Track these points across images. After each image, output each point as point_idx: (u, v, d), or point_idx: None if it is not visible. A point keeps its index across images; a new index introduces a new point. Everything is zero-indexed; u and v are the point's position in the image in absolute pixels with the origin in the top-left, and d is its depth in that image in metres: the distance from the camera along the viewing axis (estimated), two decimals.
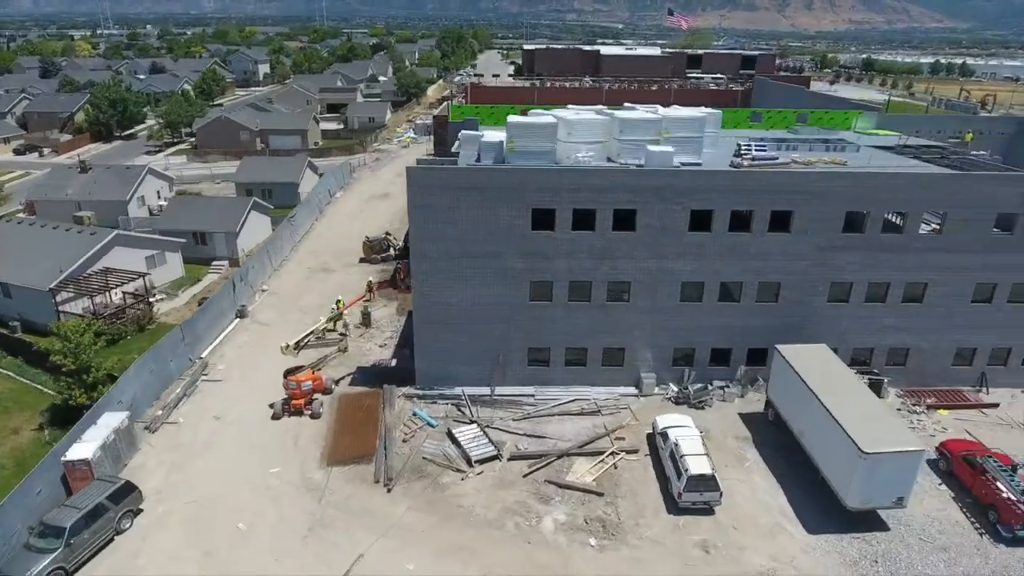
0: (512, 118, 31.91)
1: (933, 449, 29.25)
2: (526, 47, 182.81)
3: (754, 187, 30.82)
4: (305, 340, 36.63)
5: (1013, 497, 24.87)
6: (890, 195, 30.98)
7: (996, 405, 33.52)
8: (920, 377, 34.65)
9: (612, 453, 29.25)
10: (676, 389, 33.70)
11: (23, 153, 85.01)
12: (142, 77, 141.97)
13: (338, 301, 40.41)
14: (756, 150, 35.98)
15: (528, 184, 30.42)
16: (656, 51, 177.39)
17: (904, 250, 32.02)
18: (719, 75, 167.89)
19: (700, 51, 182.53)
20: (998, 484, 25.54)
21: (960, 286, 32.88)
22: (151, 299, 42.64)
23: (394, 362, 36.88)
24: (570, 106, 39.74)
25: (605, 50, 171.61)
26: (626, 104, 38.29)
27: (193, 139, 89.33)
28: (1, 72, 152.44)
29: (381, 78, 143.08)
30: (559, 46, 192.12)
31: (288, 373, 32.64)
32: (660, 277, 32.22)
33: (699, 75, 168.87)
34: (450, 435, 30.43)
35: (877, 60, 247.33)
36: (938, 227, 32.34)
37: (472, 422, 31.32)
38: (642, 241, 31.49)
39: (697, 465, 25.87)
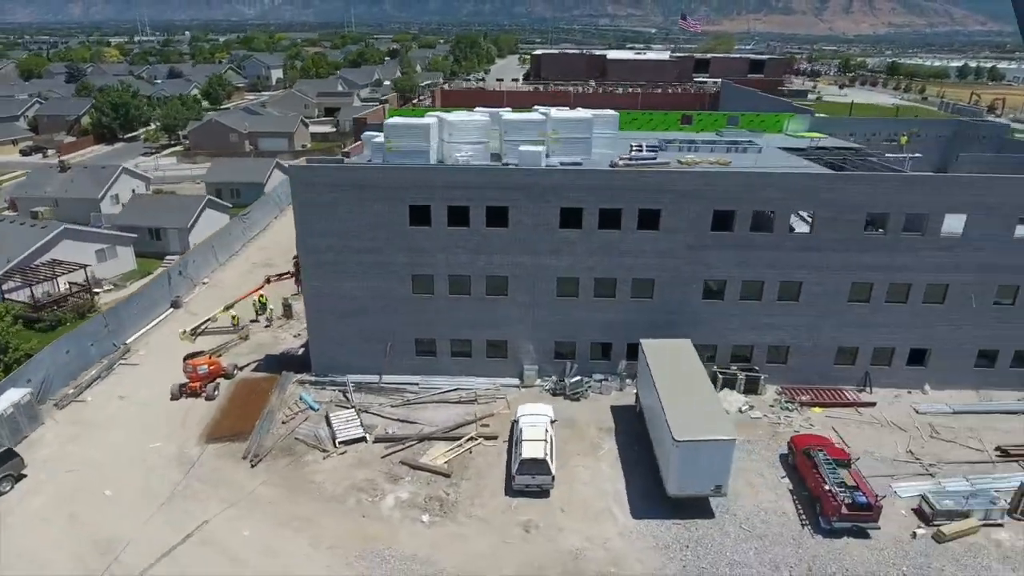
0: (390, 120, 33.62)
1: (786, 444, 30.01)
2: (534, 52, 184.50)
3: (621, 186, 31.89)
4: (202, 327, 38.93)
5: (833, 490, 25.48)
6: (754, 195, 31.71)
7: (873, 404, 33.83)
8: (803, 375, 35.12)
9: (471, 438, 30.63)
10: (554, 380, 34.90)
11: (29, 154, 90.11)
12: (159, 81, 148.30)
13: (231, 312, 41.96)
14: (647, 151, 37.06)
15: (403, 182, 32.07)
16: (665, 55, 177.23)
17: (775, 249, 32.65)
18: (727, 79, 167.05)
19: (708, 55, 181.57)
20: (822, 477, 26.17)
21: (835, 285, 33.31)
22: (96, 290, 45.54)
23: (302, 351, 38.82)
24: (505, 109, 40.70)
25: (612, 54, 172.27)
26: (535, 106, 39.50)
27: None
28: (31, 77, 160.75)
29: (387, 83, 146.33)
30: (569, 51, 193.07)
31: (188, 358, 34.89)
32: (536, 272, 33.49)
33: (705, 79, 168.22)
34: (327, 418, 32.22)
35: (902, 64, 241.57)
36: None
37: (351, 407, 33.05)
38: (515, 237, 32.83)
39: (530, 450, 27.10)
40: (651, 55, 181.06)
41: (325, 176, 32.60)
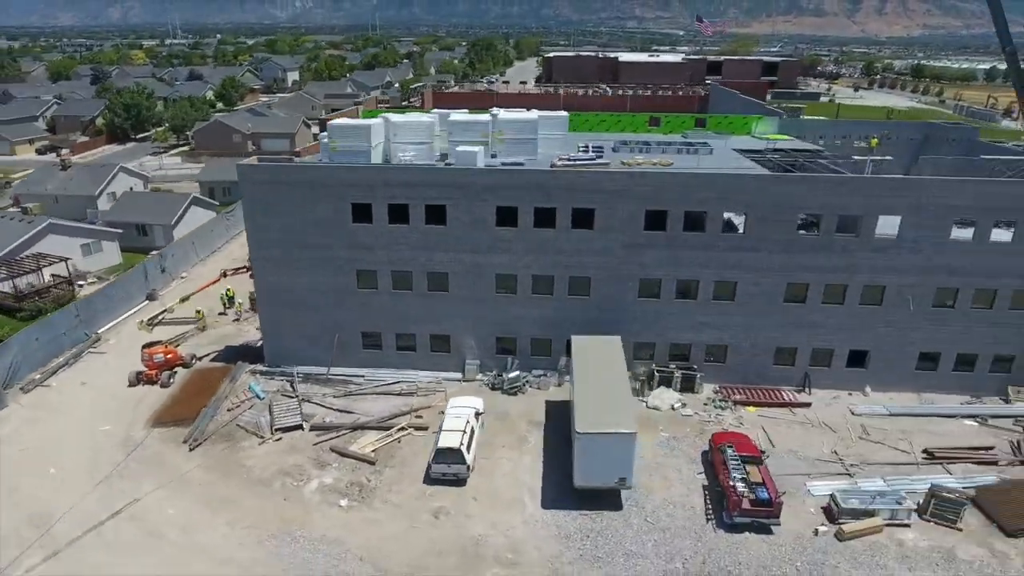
0: (332, 121, 34.81)
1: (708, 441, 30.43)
2: (547, 55, 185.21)
3: (555, 186, 32.61)
4: (159, 318, 40.59)
5: (736, 485, 25.88)
6: (685, 195, 32.15)
7: (808, 405, 33.97)
8: (742, 375, 35.38)
9: (401, 429, 31.62)
10: (493, 375, 35.70)
11: (44, 153, 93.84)
12: (179, 83, 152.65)
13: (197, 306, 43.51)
14: (592, 151, 37.72)
15: (344, 180, 33.25)
16: (678, 58, 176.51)
17: (709, 249, 33.04)
18: (741, 82, 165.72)
19: (721, 59, 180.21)
20: (729, 472, 26.59)
21: (770, 286, 33.55)
22: (80, 282, 47.67)
23: (260, 343, 40.24)
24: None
25: (624, 57, 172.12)
26: (493, 109, 40.36)
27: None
28: (59, 79, 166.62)
29: (396, 85, 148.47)
30: (581, 54, 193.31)
31: (146, 347, 36.53)
32: (475, 269, 34.37)
33: (717, 81, 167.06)
34: (269, 406, 33.50)
35: (927, 66, 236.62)
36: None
37: (294, 396, 34.30)
38: (454, 235, 33.76)
39: (447, 440, 28.00)
40: (665, 58, 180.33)
41: (271, 175, 33.95)
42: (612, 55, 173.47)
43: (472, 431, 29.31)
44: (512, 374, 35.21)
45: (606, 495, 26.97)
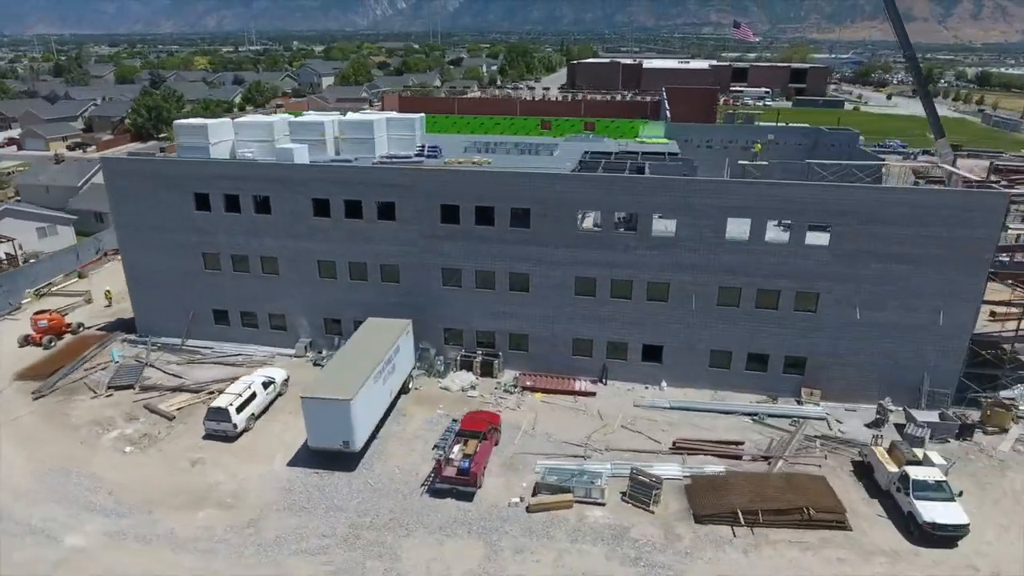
0: (177, 121, 39.17)
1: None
2: (571, 62, 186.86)
3: (358, 181, 35.75)
4: (45, 288, 46.13)
5: (445, 455, 28.22)
6: (473, 191, 34.53)
7: (593, 395, 35.50)
8: (544, 363, 37.22)
9: (210, 393, 35.46)
10: (317, 352, 39.07)
11: (73, 149, 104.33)
12: (224, 86, 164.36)
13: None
14: (428, 150, 40.57)
15: (185, 173, 37.56)
16: (704, 64, 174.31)
17: (501, 242, 35.25)
18: (765, 88, 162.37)
19: (746, 64, 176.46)
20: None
21: (560, 279, 35.37)
22: (32, 260, 54.43)
23: None
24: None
25: (648, 64, 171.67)
26: (348, 111, 43.87)
27: None
28: (123, 82, 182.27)
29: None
30: (603, 61, 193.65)
31: (37, 314, 42.07)
32: (299, 255, 37.90)
33: (742, 88, 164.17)
34: (117, 368, 38.15)
35: (996, 73, 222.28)
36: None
37: (140, 362, 38.83)
38: (279, 223, 37.42)
39: (219, 401, 31.63)
40: (693, 64, 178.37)
41: (129, 167, 38.74)
42: (635, 62, 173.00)
43: (253, 396, 32.79)
44: (330, 352, 38.43)
45: (344, 458, 29.79)
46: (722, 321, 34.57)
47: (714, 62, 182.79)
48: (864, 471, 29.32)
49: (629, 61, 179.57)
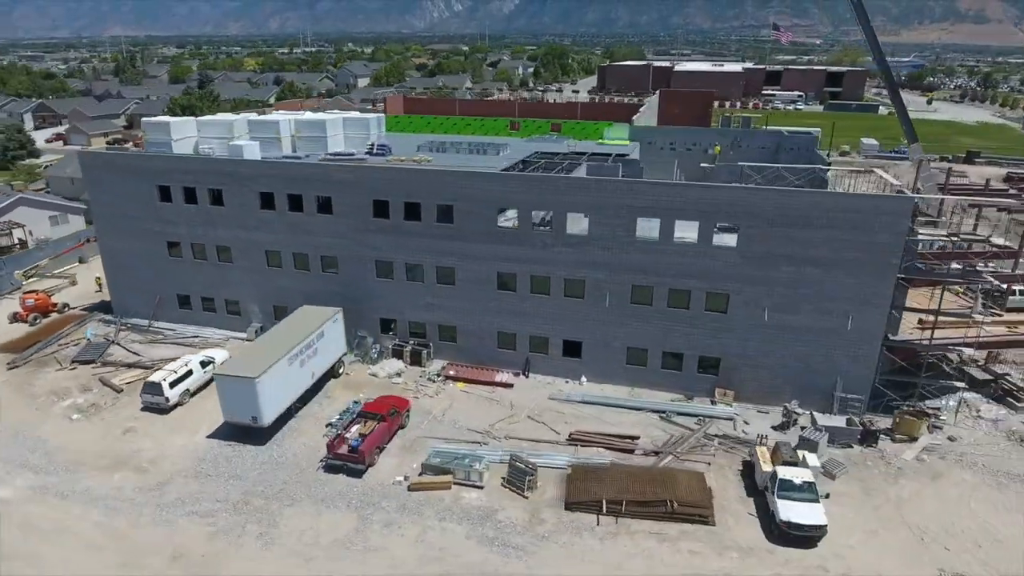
0: (144, 119, 42.27)
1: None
2: (600, 65, 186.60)
3: (299, 177, 38.01)
4: (32, 270, 50.13)
5: (339, 433, 30.11)
6: (400, 188, 36.31)
7: (511, 386, 36.72)
8: (472, 355, 38.66)
9: (158, 369, 38.31)
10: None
11: (112, 144, 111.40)
12: (267, 86, 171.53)
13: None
14: (377, 149, 42.59)
15: (149, 167, 40.66)
16: (738, 67, 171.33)
17: (427, 237, 36.91)
18: (798, 92, 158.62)
19: (779, 68, 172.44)
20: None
21: (482, 274, 36.75)
22: (43, 246, 59.25)
23: None
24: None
25: (679, 67, 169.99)
26: (307, 111, 46.36)
27: None
28: (176, 82, 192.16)
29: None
30: (633, 64, 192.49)
31: (26, 293, 46.09)
32: (248, 245, 40.47)
33: (774, 92, 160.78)
34: (86, 344, 41.59)
35: None
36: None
37: (106, 339, 42.16)
38: (231, 214, 40.07)
39: (154, 376, 34.38)
40: (726, 67, 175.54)
41: (103, 160, 42.20)
42: (665, 65, 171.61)
43: (189, 373, 35.43)
44: None
45: (256, 433, 31.95)
46: (636, 319, 35.29)
47: (748, 65, 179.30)
48: (749, 471, 29.69)
49: (665, 64, 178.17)
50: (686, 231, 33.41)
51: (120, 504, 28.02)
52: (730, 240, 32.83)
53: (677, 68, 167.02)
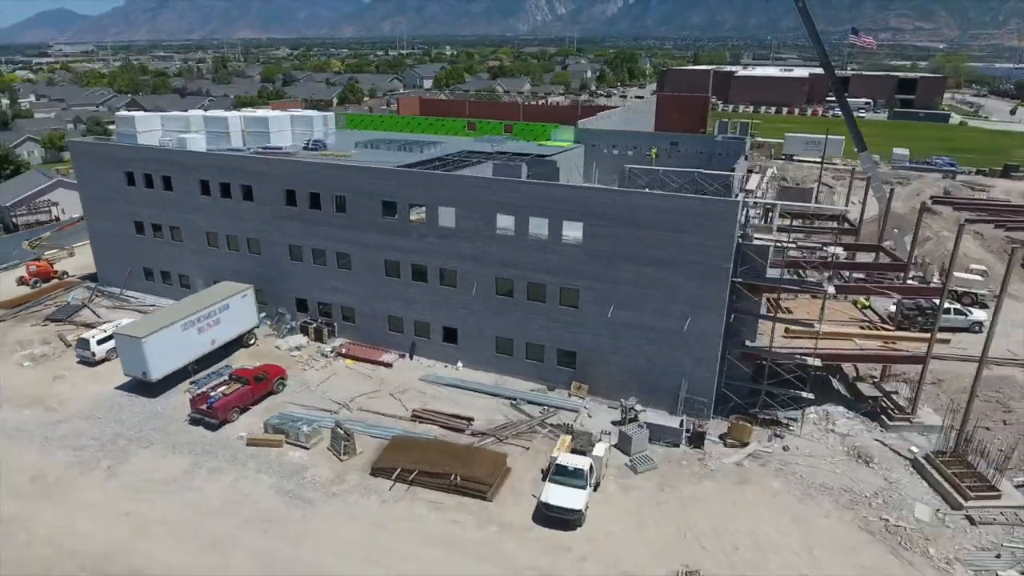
0: (118, 113, 48.45)
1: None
2: (663, 70, 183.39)
3: (228, 167, 42.75)
4: (36, 241, 57.87)
5: (204, 392, 34.27)
6: (305, 180, 40.13)
7: (390, 366, 39.62)
8: (368, 335, 41.90)
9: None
10: None
11: None
12: (342, 86, 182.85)
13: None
14: (312, 143, 46.79)
15: (116, 156, 46.90)
16: (804, 73, 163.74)
17: (327, 224, 40.51)
18: (865, 99, 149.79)
19: (848, 73, 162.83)
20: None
21: (373, 260, 39.87)
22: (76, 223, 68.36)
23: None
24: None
25: (740, 72, 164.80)
26: (292, 109, 51.14)
27: None
28: (266, 81, 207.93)
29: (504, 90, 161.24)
30: (695, 68, 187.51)
31: (33, 260, 53.99)
32: (191, 227, 45.76)
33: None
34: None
35: None
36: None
37: (81, 303, 48.87)
38: (178, 199, 45.50)
39: (86, 333, 40.12)
40: (794, 72, 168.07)
41: (87, 149, 48.93)
42: (727, 70, 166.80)
43: None
44: None
45: (150, 387, 36.67)
46: (501, 310, 37.24)
47: (814, 71, 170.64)
48: None
49: (727, 69, 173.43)
50: (541, 228, 35.07)
51: (17, 433, 33.50)
52: (576, 238, 34.15)
53: (738, 73, 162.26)
